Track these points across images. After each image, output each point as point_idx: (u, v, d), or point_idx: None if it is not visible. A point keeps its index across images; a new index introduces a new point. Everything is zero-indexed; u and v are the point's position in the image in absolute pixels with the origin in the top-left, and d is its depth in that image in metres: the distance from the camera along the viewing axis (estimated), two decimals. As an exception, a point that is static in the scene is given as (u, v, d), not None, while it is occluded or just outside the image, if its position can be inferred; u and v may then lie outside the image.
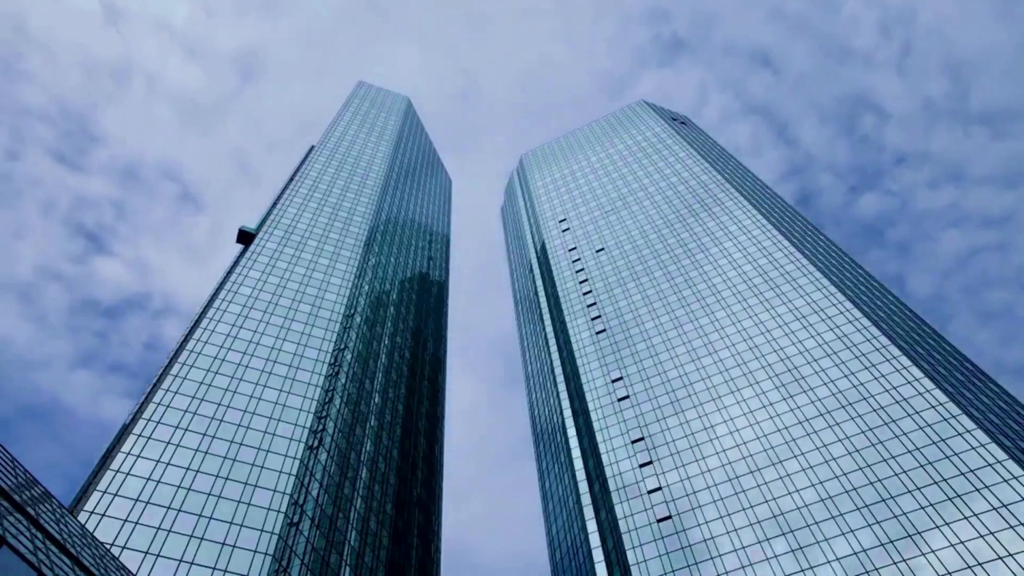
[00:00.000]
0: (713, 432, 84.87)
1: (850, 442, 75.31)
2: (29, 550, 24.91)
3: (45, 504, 33.18)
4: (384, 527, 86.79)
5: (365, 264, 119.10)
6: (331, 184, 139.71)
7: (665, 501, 79.22)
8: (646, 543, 75.42)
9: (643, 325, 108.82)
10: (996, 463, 66.09)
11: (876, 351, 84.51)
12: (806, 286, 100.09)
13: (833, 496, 70.95)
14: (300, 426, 77.55)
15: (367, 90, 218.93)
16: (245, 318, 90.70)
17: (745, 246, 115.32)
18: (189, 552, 59.47)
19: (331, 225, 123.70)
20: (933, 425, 72.64)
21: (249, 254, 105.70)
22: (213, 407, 75.44)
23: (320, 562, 67.92)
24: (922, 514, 65.24)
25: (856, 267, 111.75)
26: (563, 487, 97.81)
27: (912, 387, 77.81)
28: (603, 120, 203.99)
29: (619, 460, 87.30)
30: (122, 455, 65.85)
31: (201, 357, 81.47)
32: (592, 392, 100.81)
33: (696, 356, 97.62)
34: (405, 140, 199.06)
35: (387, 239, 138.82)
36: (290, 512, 67.40)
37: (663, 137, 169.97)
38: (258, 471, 69.97)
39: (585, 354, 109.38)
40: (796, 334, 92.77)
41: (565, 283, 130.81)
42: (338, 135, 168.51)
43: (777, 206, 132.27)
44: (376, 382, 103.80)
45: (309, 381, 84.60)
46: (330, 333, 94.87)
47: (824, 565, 65.30)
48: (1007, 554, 58.92)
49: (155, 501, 62.58)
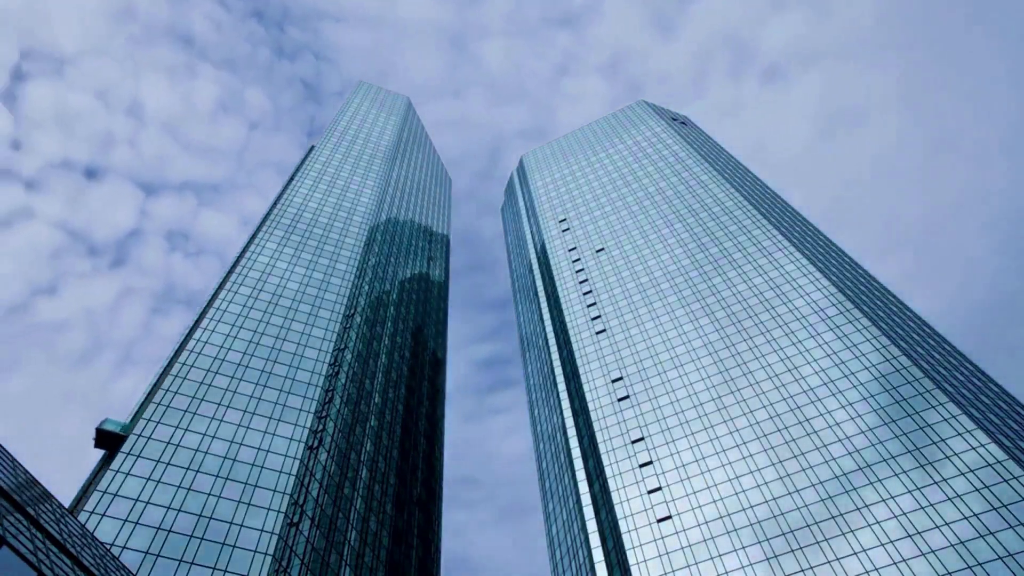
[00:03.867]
0: (713, 432, 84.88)
1: (850, 442, 75.32)
2: (29, 550, 24.92)
3: (45, 504, 33.19)
4: (384, 527, 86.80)
5: (365, 264, 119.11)
6: (331, 184, 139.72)
7: (665, 501, 79.23)
8: (646, 543, 75.44)
9: (643, 325, 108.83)
10: (996, 463, 66.12)
11: (876, 351, 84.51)
12: (806, 286, 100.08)
13: (833, 496, 70.96)
14: (300, 426, 77.56)
15: (367, 90, 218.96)
16: (245, 318, 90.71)
17: (745, 246, 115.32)
18: (189, 552, 59.49)
19: (331, 225, 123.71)
20: (933, 425, 72.64)
21: (249, 254, 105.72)
22: (213, 407, 75.45)
23: (320, 562, 67.93)
24: (922, 514, 65.27)
25: (857, 266, 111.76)
26: (563, 487, 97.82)
27: (912, 387, 77.81)
28: (603, 120, 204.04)
29: (619, 460, 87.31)
30: (122, 455, 65.85)
31: (201, 357, 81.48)
32: (592, 392, 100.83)
33: (696, 356, 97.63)
34: (405, 140, 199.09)
35: (387, 239, 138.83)
36: (290, 512, 67.41)
37: (663, 137, 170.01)
38: (258, 471, 69.97)
39: (585, 354, 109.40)
40: (796, 334, 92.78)
41: (565, 283, 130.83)
42: (338, 135, 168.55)
43: (777, 207, 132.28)
44: (376, 382, 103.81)
45: (309, 381, 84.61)
46: (330, 333, 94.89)
47: (824, 565, 65.31)
48: (1007, 554, 58.95)
49: (155, 501, 62.59)
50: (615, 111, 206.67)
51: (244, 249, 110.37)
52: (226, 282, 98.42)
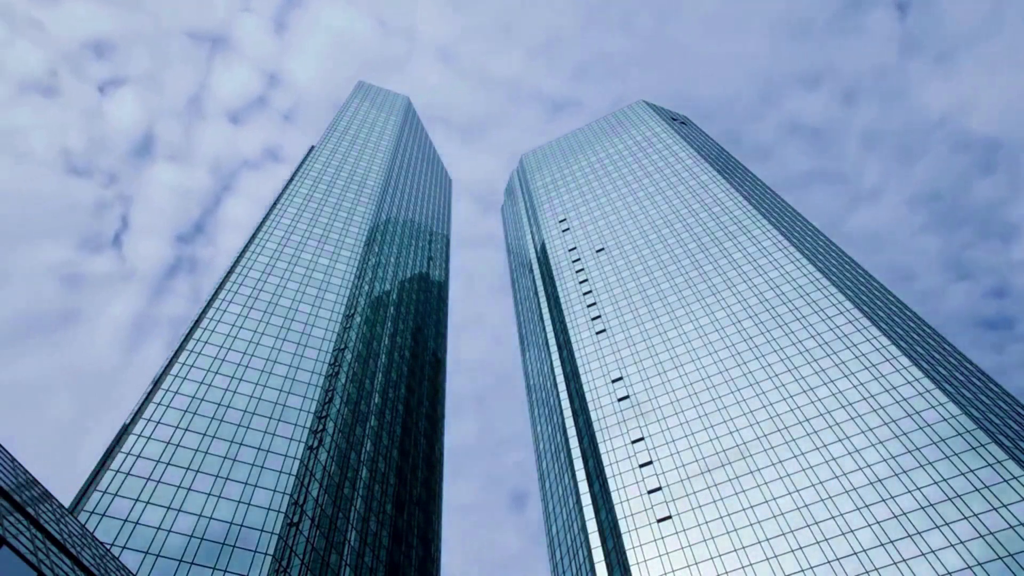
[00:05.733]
0: (713, 432, 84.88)
1: (850, 442, 75.32)
2: (29, 550, 24.92)
3: (45, 504, 33.20)
4: (384, 527, 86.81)
5: (365, 264, 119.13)
6: (331, 184, 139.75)
7: (665, 501, 79.24)
8: (646, 543, 75.44)
9: (643, 325, 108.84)
10: (996, 463, 66.12)
11: (876, 351, 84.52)
12: (806, 286, 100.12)
13: (833, 496, 70.95)
14: (300, 426, 77.57)
15: (367, 90, 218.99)
16: (245, 318, 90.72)
17: (745, 247, 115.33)
18: (189, 552, 59.49)
19: (331, 225, 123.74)
20: (933, 425, 72.64)
21: (249, 254, 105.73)
22: (213, 407, 75.47)
23: (320, 562, 67.93)
24: (922, 514, 65.26)
25: (856, 266, 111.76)
26: (563, 487, 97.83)
27: (912, 387, 77.81)
28: (603, 120, 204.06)
29: (619, 460, 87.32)
30: (122, 455, 65.88)
31: (201, 357, 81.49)
32: (592, 392, 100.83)
33: (696, 356, 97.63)
34: (405, 140, 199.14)
35: (387, 239, 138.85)
36: (290, 512, 67.43)
37: (663, 137, 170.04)
38: (258, 471, 69.99)
39: (585, 354, 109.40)
40: (796, 334, 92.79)
41: (565, 283, 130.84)
42: (338, 135, 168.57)
43: (777, 206, 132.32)
44: (376, 382, 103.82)
45: (309, 381, 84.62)
46: (330, 333, 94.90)
47: (824, 565, 65.32)
48: (1007, 554, 58.94)
49: (155, 501, 62.61)
50: (615, 111, 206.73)
51: (244, 249, 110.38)
52: (226, 282, 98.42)
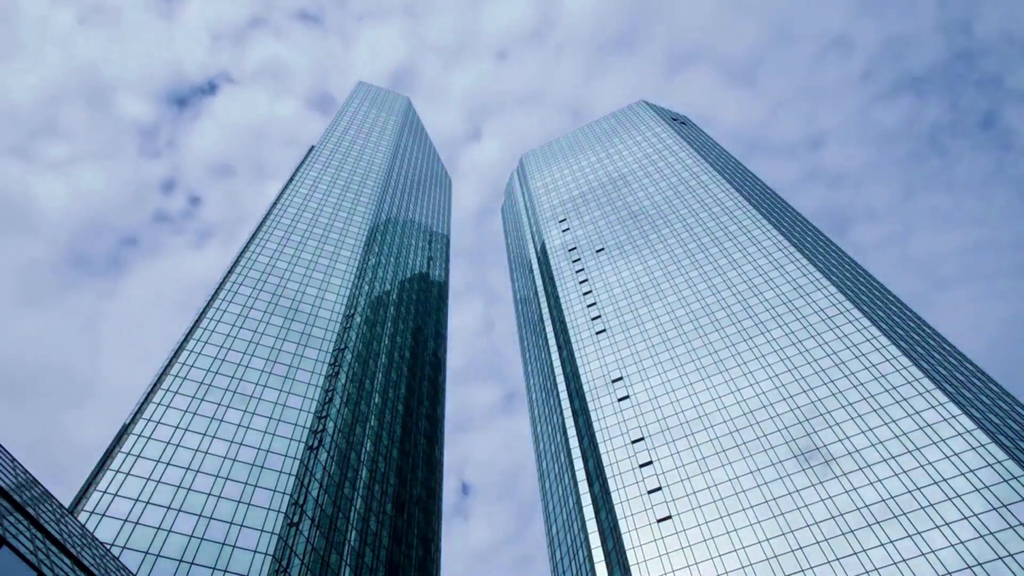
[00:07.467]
0: (713, 432, 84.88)
1: (850, 442, 75.32)
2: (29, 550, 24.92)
3: (45, 504, 33.20)
4: (384, 527, 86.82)
5: (365, 264, 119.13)
6: (331, 184, 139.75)
7: (665, 501, 79.23)
8: (646, 543, 75.44)
9: (643, 325, 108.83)
10: (996, 463, 66.13)
11: (876, 351, 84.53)
12: (806, 286, 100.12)
13: (833, 496, 70.95)
14: (300, 426, 77.57)
15: (367, 90, 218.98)
16: (245, 318, 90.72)
17: (745, 247, 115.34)
18: (189, 552, 59.49)
19: (331, 225, 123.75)
20: (933, 425, 72.66)
21: (249, 254, 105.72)
22: (213, 407, 75.46)
23: (320, 562, 67.93)
24: (921, 513, 65.28)
25: (856, 267, 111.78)
26: (563, 487, 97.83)
27: (912, 387, 77.83)
28: (603, 120, 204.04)
29: (619, 460, 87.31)
30: (122, 455, 65.88)
31: (201, 357, 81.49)
32: (592, 392, 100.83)
33: (696, 356, 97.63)
34: (405, 140, 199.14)
35: (387, 239, 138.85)
36: (290, 512, 67.43)
37: (663, 137, 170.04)
38: (258, 471, 69.99)
39: (585, 354, 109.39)
40: (796, 334, 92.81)
41: (565, 283, 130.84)
42: (338, 135, 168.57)
43: (777, 207, 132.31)
44: (376, 382, 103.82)
45: (309, 381, 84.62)
46: (330, 333, 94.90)
47: (824, 565, 65.31)
48: (1007, 554, 58.94)
49: (155, 501, 62.60)
50: (615, 111, 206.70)
51: (244, 249, 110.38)
52: (226, 282, 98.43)
